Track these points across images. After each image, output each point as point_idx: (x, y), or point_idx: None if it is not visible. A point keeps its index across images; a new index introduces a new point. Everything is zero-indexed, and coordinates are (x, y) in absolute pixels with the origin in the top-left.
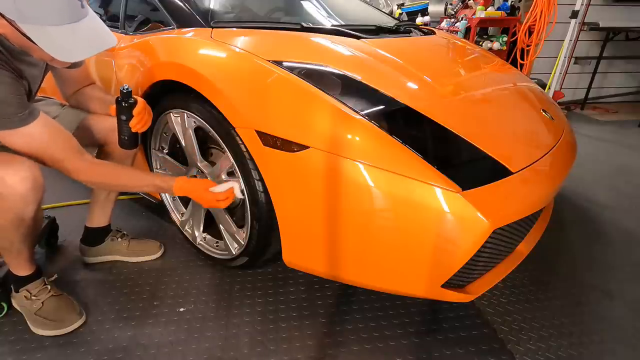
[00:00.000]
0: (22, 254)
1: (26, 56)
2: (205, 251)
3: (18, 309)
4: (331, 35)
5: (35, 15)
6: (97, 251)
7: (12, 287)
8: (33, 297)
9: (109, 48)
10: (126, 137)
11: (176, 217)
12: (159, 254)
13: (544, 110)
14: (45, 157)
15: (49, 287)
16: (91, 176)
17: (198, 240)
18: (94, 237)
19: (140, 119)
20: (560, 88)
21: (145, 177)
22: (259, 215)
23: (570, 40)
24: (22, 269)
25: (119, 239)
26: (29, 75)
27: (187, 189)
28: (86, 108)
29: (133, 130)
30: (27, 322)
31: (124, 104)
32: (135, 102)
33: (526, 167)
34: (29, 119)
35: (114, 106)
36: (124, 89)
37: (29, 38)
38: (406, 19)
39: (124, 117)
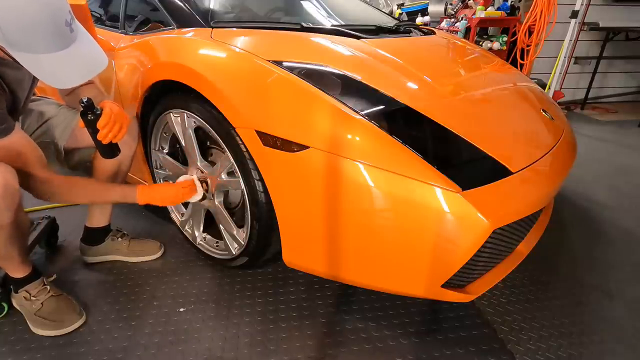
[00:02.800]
0: (13, 258)
1: (10, 59)
2: (205, 251)
3: (18, 309)
4: (331, 35)
5: (25, 44)
6: (97, 251)
7: (11, 287)
8: (32, 298)
9: (100, 71)
10: (101, 148)
11: (176, 217)
12: (158, 254)
13: (544, 110)
14: (13, 167)
15: (48, 287)
16: (56, 187)
17: (198, 240)
18: (94, 236)
19: (108, 131)
20: (560, 88)
21: (109, 188)
22: (259, 215)
23: (570, 40)
24: (16, 272)
25: (119, 239)
26: (13, 80)
27: (149, 197)
28: None
29: (104, 142)
30: (27, 322)
31: (89, 117)
32: (100, 114)
33: (526, 167)
34: (3, 133)
35: (82, 120)
36: (83, 102)
37: (18, 62)
38: (406, 19)
39: (91, 130)
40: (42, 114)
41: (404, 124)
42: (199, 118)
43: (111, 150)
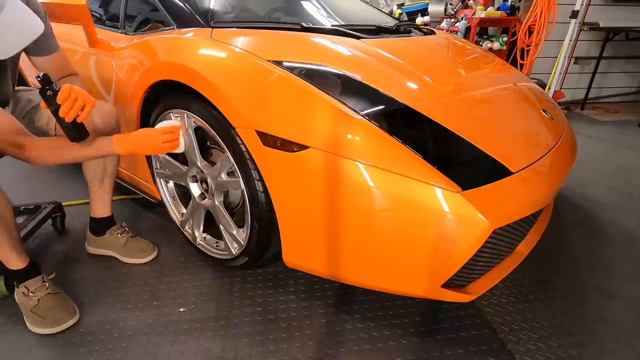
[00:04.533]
0: (2, 246)
1: None
2: (205, 251)
3: (18, 304)
4: (331, 35)
5: None
6: (98, 242)
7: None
8: (30, 294)
9: (38, 36)
10: (67, 129)
11: (176, 217)
12: (148, 259)
13: (544, 110)
14: None
15: (47, 284)
16: (39, 150)
17: (198, 240)
18: (97, 226)
19: (70, 107)
20: (560, 88)
21: (86, 144)
22: (259, 215)
23: (570, 40)
24: (9, 262)
25: (119, 235)
26: None
27: (126, 145)
28: None
29: (67, 120)
30: (24, 318)
31: (47, 93)
32: (58, 89)
33: (526, 167)
34: None
35: (42, 99)
36: (39, 77)
37: None
38: (406, 19)
39: (52, 108)
40: (30, 100)
41: (404, 124)
42: (199, 118)
43: (77, 131)
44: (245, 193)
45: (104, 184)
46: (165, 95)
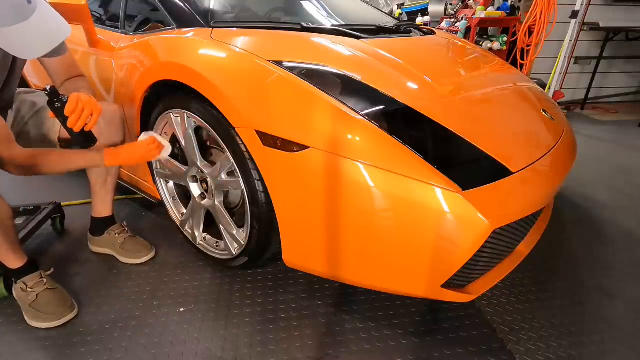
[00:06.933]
0: (0, 248)
1: None
2: (205, 251)
3: (17, 300)
4: (331, 35)
5: None
6: (98, 242)
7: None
8: (29, 289)
9: (66, 38)
10: (75, 137)
11: (176, 217)
12: (145, 259)
13: (544, 110)
14: None
15: (44, 280)
16: (24, 161)
17: (198, 240)
18: (96, 226)
19: (77, 117)
20: (560, 88)
21: (75, 155)
22: (259, 215)
23: (570, 40)
24: (7, 261)
25: (117, 235)
26: None
27: (115, 158)
28: None
29: (75, 130)
30: (24, 314)
31: (56, 105)
32: (66, 101)
33: (526, 167)
34: None
35: (50, 109)
36: (46, 90)
37: None
38: (406, 19)
39: (61, 119)
40: (35, 104)
41: (404, 124)
42: (199, 118)
43: (85, 139)
44: (245, 193)
45: (106, 184)
46: (165, 95)
